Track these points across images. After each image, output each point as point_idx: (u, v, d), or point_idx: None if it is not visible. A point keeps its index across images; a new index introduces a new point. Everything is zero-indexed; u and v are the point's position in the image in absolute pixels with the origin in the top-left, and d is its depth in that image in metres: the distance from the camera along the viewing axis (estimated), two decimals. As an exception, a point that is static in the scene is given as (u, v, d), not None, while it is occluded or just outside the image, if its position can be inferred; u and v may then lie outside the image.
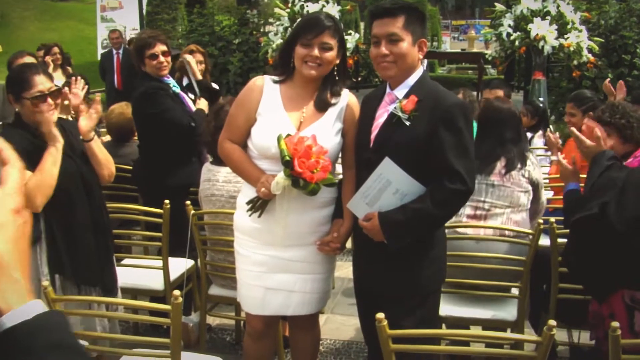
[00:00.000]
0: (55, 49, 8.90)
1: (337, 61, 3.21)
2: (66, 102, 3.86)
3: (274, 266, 3.26)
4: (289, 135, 3.06)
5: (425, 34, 3.06)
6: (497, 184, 3.97)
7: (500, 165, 4.00)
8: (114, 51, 11.00)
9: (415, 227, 2.96)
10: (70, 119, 3.63)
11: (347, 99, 3.27)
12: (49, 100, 3.33)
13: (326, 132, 3.17)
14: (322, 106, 3.21)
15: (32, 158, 3.29)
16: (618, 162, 3.06)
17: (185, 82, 6.04)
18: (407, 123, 2.93)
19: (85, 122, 3.52)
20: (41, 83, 3.33)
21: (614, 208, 2.76)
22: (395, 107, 2.98)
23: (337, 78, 3.23)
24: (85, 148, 3.53)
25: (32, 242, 3.36)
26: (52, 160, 3.29)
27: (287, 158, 2.97)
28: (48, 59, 8.54)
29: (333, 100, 3.23)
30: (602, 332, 3.01)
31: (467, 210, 3.95)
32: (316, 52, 3.10)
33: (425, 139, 2.90)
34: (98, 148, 3.56)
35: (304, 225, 3.23)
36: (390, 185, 2.93)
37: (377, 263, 3.11)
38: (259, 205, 3.18)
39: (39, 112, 3.31)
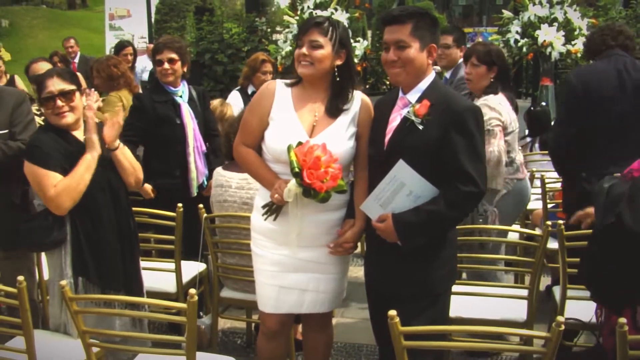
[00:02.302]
0: (55, 58, 8.95)
1: (339, 62, 3.24)
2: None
3: (288, 266, 3.32)
4: (300, 143, 3.10)
5: (435, 39, 3.10)
6: (517, 130, 4.39)
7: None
8: (71, 60, 11.01)
9: (428, 228, 3.01)
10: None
11: (360, 102, 3.31)
12: (58, 101, 3.40)
13: (339, 137, 3.22)
14: (333, 112, 3.26)
15: (61, 160, 3.35)
16: (617, 180, 2.99)
17: (250, 90, 6.13)
18: (420, 127, 2.98)
19: (107, 131, 3.56)
20: (52, 85, 3.40)
21: (628, 214, 2.74)
22: (408, 112, 3.04)
23: (339, 80, 3.25)
24: (112, 156, 3.56)
25: (57, 244, 3.42)
26: (86, 166, 3.37)
27: (297, 170, 3.03)
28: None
29: (345, 106, 3.27)
30: (608, 329, 3.02)
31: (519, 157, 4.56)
32: (304, 50, 3.16)
33: (437, 143, 2.96)
34: (123, 156, 3.59)
35: (318, 227, 3.29)
36: (404, 188, 2.98)
37: (390, 264, 3.15)
38: (274, 209, 3.24)
39: (52, 115, 3.38)
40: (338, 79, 3.25)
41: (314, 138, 3.17)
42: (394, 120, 3.10)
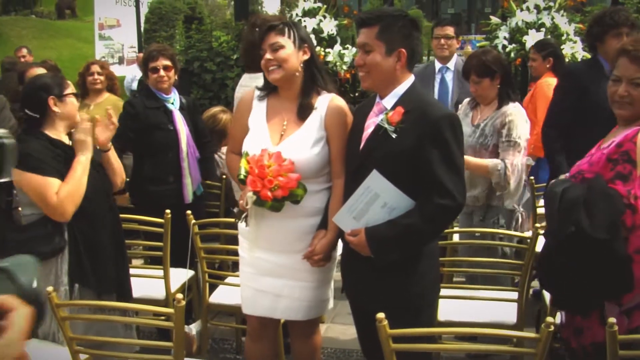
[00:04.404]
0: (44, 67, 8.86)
1: (305, 57, 3.21)
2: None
3: (262, 269, 3.30)
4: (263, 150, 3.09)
5: (409, 43, 2.93)
6: None
7: None
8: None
9: (403, 243, 2.90)
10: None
11: (327, 105, 3.22)
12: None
13: (301, 144, 3.15)
14: (303, 113, 3.20)
15: (55, 165, 3.34)
16: (568, 183, 2.90)
17: None
18: (394, 135, 2.85)
19: (103, 133, 3.61)
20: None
21: (587, 222, 2.65)
22: (382, 119, 2.91)
23: (309, 74, 3.22)
24: (102, 158, 3.61)
25: (55, 253, 3.38)
26: (82, 169, 3.37)
27: (241, 177, 3.02)
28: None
29: (314, 104, 3.21)
30: (572, 330, 2.99)
31: None
32: (268, 55, 3.13)
33: (412, 152, 2.82)
34: (114, 157, 3.66)
35: (289, 233, 3.23)
36: (379, 199, 2.85)
37: (365, 278, 3.05)
38: (244, 215, 3.26)
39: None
40: (305, 72, 3.21)
41: (278, 146, 3.15)
42: (369, 127, 2.99)
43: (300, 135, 3.17)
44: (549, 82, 5.65)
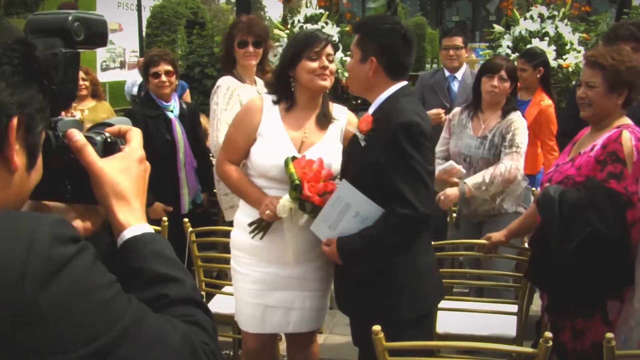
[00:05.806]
0: None
1: None
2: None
3: (272, 283, 3.23)
4: (294, 157, 3.04)
5: (386, 53, 2.87)
6: None
7: None
8: None
9: (370, 253, 2.88)
10: None
11: (346, 118, 3.27)
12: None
13: (327, 152, 3.15)
14: (324, 121, 3.20)
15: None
16: (561, 187, 2.96)
17: None
18: (363, 143, 2.85)
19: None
20: None
21: (599, 223, 2.75)
22: (355, 127, 2.93)
23: (336, 87, 3.25)
24: None
25: None
26: None
27: (297, 182, 2.94)
28: None
29: (333, 115, 3.23)
30: (570, 334, 2.99)
31: None
32: (326, 62, 3.10)
33: (377, 161, 2.78)
34: None
35: (306, 243, 3.20)
36: (350, 209, 2.84)
37: (345, 287, 3.07)
38: (263, 226, 3.16)
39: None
40: (340, 91, 3.27)
41: (303, 153, 3.11)
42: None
43: (324, 144, 3.18)
44: (550, 104, 5.57)
